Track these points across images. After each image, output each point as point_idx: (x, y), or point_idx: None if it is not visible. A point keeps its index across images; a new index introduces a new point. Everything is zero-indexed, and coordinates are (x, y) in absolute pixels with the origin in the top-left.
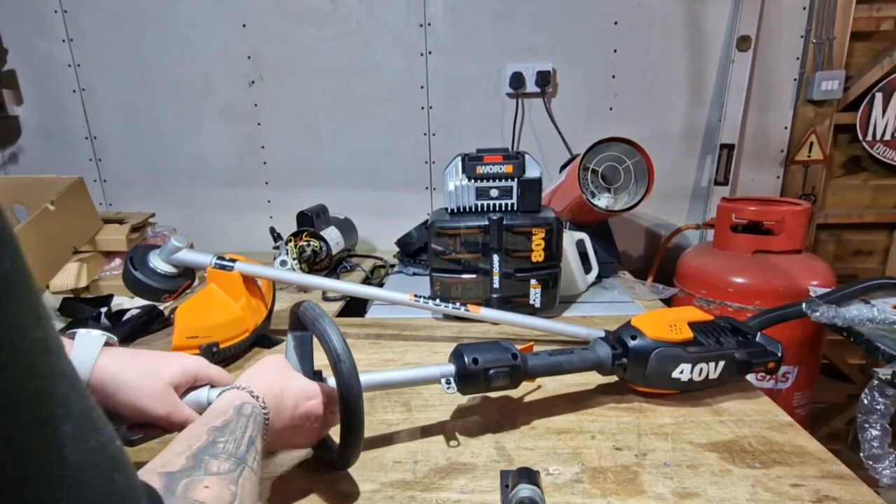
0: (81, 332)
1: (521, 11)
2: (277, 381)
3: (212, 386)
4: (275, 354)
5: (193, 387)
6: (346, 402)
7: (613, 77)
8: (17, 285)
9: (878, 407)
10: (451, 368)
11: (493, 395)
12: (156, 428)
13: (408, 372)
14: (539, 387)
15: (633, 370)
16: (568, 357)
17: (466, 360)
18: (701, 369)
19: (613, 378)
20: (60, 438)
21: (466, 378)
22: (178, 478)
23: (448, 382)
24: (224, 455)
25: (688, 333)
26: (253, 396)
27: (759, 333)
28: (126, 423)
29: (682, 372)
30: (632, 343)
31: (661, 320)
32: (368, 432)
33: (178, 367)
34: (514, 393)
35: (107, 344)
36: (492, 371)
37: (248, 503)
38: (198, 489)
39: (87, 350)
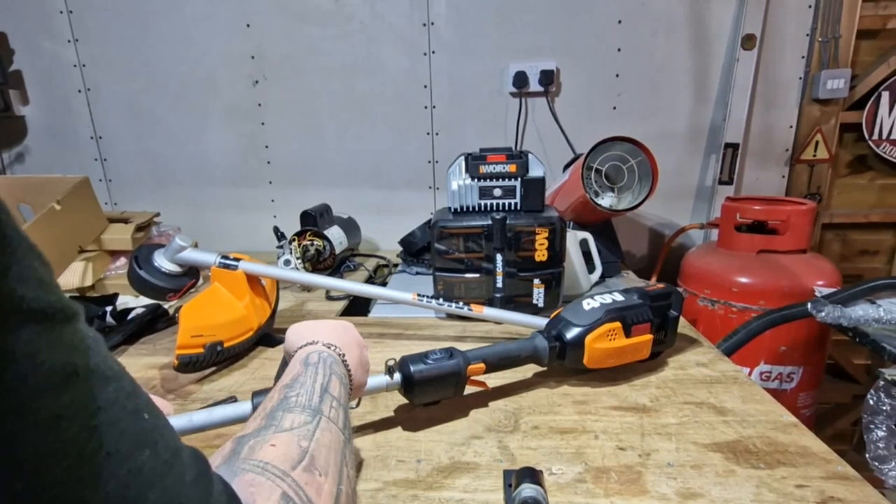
0: None
1: (525, 10)
2: (338, 324)
3: None
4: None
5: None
6: None
7: (617, 76)
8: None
9: (884, 408)
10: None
11: (494, 394)
12: None
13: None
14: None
15: (562, 330)
16: (508, 345)
17: (406, 364)
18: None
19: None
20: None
21: (406, 378)
22: (247, 440)
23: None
24: (298, 409)
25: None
26: (314, 343)
27: None
28: None
29: (589, 304)
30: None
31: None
32: (371, 431)
33: None
34: (516, 394)
35: None
36: (426, 362)
37: (323, 457)
38: (263, 448)
39: None
